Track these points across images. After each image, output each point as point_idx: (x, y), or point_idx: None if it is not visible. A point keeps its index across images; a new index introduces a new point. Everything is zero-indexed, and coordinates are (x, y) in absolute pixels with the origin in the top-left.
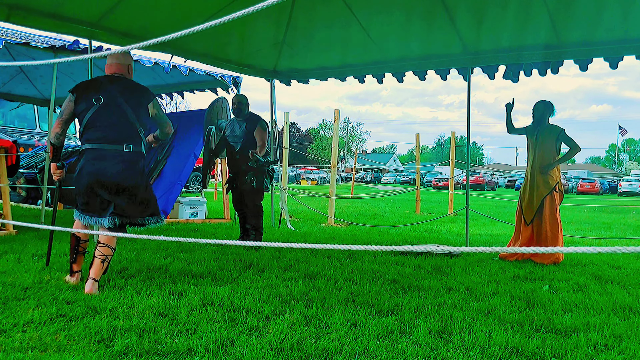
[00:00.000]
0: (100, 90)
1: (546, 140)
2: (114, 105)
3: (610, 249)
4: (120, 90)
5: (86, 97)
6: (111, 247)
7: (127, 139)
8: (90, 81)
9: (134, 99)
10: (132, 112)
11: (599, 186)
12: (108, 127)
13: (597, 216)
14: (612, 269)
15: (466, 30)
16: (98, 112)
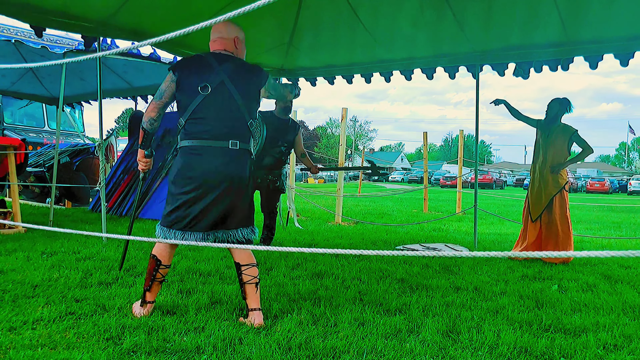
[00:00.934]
0: (207, 75)
1: (558, 140)
2: (222, 94)
3: (624, 253)
4: (229, 74)
5: (189, 83)
6: (255, 264)
7: (235, 134)
8: (195, 61)
9: (245, 85)
10: (242, 101)
11: (609, 185)
12: (213, 121)
13: (606, 215)
14: (621, 268)
15: (473, 29)
16: (204, 102)
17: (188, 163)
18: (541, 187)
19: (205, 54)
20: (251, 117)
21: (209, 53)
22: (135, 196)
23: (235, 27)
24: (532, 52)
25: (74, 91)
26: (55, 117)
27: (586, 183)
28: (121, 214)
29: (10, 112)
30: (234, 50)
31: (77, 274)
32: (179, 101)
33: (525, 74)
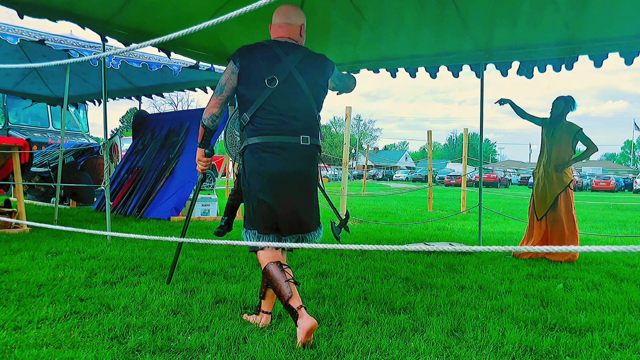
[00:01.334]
0: (273, 66)
1: (563, 138)
2: (291, 87)
3: (625, 248)
4: (297, 65)
5: (254, 75)
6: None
7: (306, 129)
8: (258, 50)
9: (313, 76)
10: (311, 93)
11: (614, 183)
12: (282, 115)
13: (612, 214)
14: (627, 267)
15: (478, 27)
16: (272, 96)
17: (259, 162)
18: (546, 186)
19: (270, 42)
20: (319, 111)
21: (273, 41)
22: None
23: (302, 13)
24: (536, 51)
25: (78, 91)
26: (59, 117)
27: (591, 181)
28: (125, 213)
29: (15, 112)
30: (299, 39)
31: (82, 274)
32: (241, 95)
33: (529, 73)
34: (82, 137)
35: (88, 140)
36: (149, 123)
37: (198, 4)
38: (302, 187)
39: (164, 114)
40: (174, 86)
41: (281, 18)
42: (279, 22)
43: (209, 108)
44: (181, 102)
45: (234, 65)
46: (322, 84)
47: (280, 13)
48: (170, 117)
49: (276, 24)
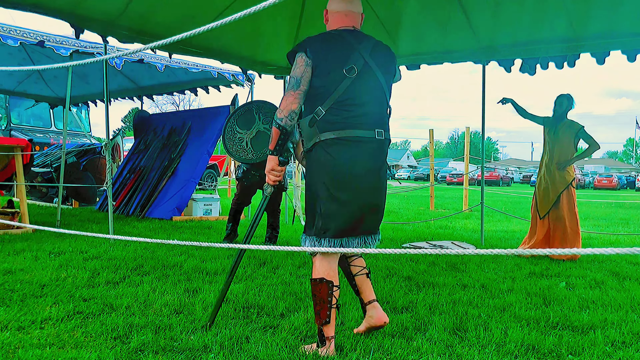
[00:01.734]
0: (349, 55)
1: (565, 136)
2: (368, 77)
3: (629, 250)
4: (370, 54)
5: (332, 66)
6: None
7: (380, 122)
8: (330, 39)
9: (384, 66)
10: (385, 83)
11: (617, 181)
12: (360, 107)
13: (614, 212)
14: (630, 265)
15: (481, 25)
16: (351, 87)
17: (333, 158)
18: (548, 184)
19: (339, 31)
20: (389, 103)
21: (342, 30)
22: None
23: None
24: (539, 48)
25: (80, 92)
26: (61, 118)
27: (594, 179)
28: (128, 213)
29: (17, 113)
30: (359, 28)
31: (85, 274)
32: (316, 87)
33: (532, 70)
34: (85, 138)
35: (90, 140)
36: (151, 123)
37: (201, 4)
38: (376, 184)
39: (166, 114)
40: (176, 86)
41: (346, 5)
42: (343, 9)
43: (286, 105)
44: (183, 102)
45: (305, 56)
46: (392, 73)
47: (343, 1)
48: (172, 117)
49: (339, 11)
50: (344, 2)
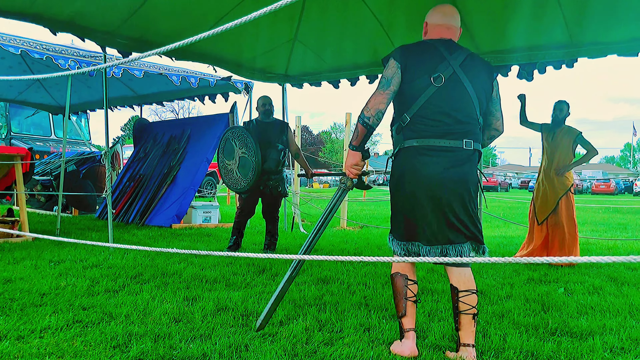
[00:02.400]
0: (438, 63)
1: (563, 142)
2: (456, 87)
3: (625, 259)
4: (461, 65)
5: (418, 72)
6: (475, 291)
7: (469, 133)
8: (422, 47)
9: (477, 77)
10: (475, 94)
11: (614, 186)
12: (446, 116)
13: (612, 217)
14: (628, 270)
15: (478, 30)
16: (436, 95)
17: (416, 165)
18: (547, 190)
19: (432, 41)
20: (482, 114)
21: (437, 40)
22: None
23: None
24: (536, 54)
25: (81, 99)
26: (61, 126)
27: (592, 184)
28: (127, 221)
29: (17, 122)
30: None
31: (84, 282)
32: (402, 92)
33: (530, 76)
34: (84, 146)
35: (90, 148)
36: (151, 130)
37: (201, 13)
38: (462, 194)
39: (166, 122)
40: (175, 94)
41: (447, 19)
42: (445, 22)
43: (374, 104)
44: (182, 110)
45: (395, 62)
46: (487, 87)
47: (446, 14)
48: (171, 125)
49: (440, 24)
50: (444, 16)
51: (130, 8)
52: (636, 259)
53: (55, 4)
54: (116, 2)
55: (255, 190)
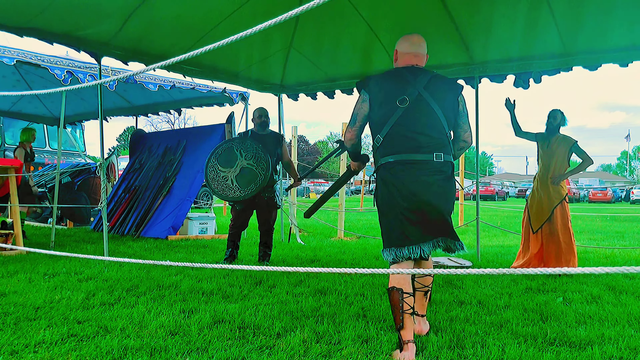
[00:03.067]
0: (403, 88)
1: (559, 150)
2: (422, 106)
3: (620, 269)
4: (425, 86)
5: (386, 98)
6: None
7: (438, 146)
8: (388, 76)
9: (443, 95)
10: (441, 112)
11: (611, 194)
12: (414, 133)
13: (609, 225)
14: (626, 279)
15: (473, 41)
16: (403, 116)
17: (396, 178)
18: (542, 199)
19: (399, 69)
20: (450, 129)
21: (403, 67)
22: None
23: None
24: (531, 63)
25: (75, 110)
26: (56, 137)
27: (589, 192)
28: (123, 233)
29: (11, 133)
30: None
31: (79, 295)
32: (373, 118)
33: (526, 84)
34: (79, 157)
35: (85, 159)
36: (146, 141)
37: (196, 20)
38: (437, 200)
39: (161, 133)
40: (170, 105)
41: (414, 48)
42: (412, 51)
43: (348, 139)
44: (178, 121)
45: (364, 93)
46: (453, 104)
47: (414, 43)
48: (167, 136)
49: (409, 52)
50: (411, 45)
51: (124, 17)
52: (629, 270)
53: (52, 17)
54: (110, 13)
55: (248, 203)
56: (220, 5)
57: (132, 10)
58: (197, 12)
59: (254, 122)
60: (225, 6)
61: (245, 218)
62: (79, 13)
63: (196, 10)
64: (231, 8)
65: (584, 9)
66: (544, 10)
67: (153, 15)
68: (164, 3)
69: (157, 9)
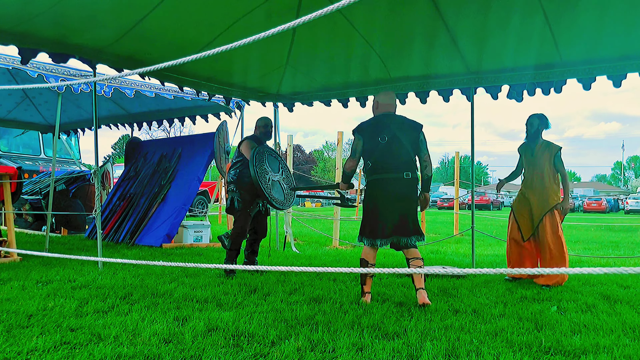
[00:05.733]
0: (383, 129)
1: (544, 157)
2: (396, 141)
3: (617, 270)
4: (398, 127)
5: (373, 137)
6: (420, 258)
7: (407, 167)
8: (372, 123)
9: (410, 133)
10: (409, 145)
11: (606, 204)
12: (391, 159)
13: (604, 235)
14: (620, 288)
15: (469, 51)
16: (383, 148)
17: (376, 190)
18: (530, 207)
19: (379, 116)
20: (415, 155)
21: (382, 114)
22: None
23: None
24: (525, 74)
25: (71, 118)
26: (51, 145)
27: (583, 202)
28: (117, 241)
29: (6, 141)
30: (394, 111)
31: (73, 303)
32: (365, 150)
33: (519, 96)
34: (74, 165)
35: (80, 167)
36: (141, 149)
37: (192, 35)
38: (404, 205)
39: (156, 140)
40: (166, 113)
41: (389, 100)
42: (388, 102)
43: (349, 167)
44: (174, 129)
45: (358, 135)
46: (415, 138)
47: (389, 97)
48: (162, 143)
49: (384, 103)
50: (388, 98)
51: (123, 28)
52: (627, 270)
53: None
54: (108, 22)
55: (256, 210)
56: (217, 20)
57: (129, 28)
58: (195, 27)
59: (259, 130)
60: (221, 21)
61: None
62: (74, 21)
63: (194, 26)
64: (227, 23)
65: (578, 18)
66: (539, 19)
67: (149, 30)
68: (160, 21)
69: (152, 27)
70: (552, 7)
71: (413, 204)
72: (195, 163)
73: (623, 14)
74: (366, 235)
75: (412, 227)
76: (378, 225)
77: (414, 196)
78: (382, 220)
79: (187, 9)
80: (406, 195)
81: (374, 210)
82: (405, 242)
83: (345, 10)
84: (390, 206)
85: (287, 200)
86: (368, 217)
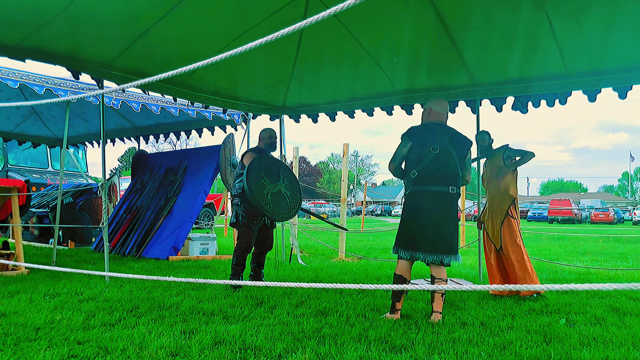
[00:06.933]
0: (435, 139)
1: (495, 161)
2: (446, 154)
3: (627, 286)
4: (449, 139)
5: (424, 145)
6: (445, 279)
7: (453, 182)
8: (424, 129)
9: (460, 147)
10: (457, 159)
11: (613, 215)
12: (439, 172)
13: (612, 246)
14: (630, 300)
15: (473, 63)
16: (434, 159)
17: (420, 202)
18: (492, 215)
19: (432, 123)
20: (461, 170)
21: (434, 123)
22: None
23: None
24: (530, 86)
25: (78, 131)
26: (58, 158)
27: (590, 214)
28: (124, 253)
29: (14, 154)
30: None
31: (80, 316)
32: (413, 157)
33: (524, 108)
34: (81, 178)
35: (87, 180)
36: (148, 162)
37: (197, 48)
38: (445, 220)
39: (163, 153)
40: (173, 127)
41: (441, 109)
42: (439, 111)
43: (391, 169)
44: (180, 141)
45: (407, 140)
46: (464, 154)
47: (441, 105)
48: (168, 156)
49: (436, 111)
50: (440, 106)
51: (127, 41)
52: (638, 287)
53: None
54: (113, 36)
55: (260, 224)
56: (223, 33)
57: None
58: (201, 39)
59: (263, 142)
60: (227, 34)
61: (264, 238)
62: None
63: (200, 38)
64: (233, 36)
65: (584, 30)
66: (544, 30)
67: (156, 40)
68: (164, 35)
69: (155, 41)
70: (558, 19)
71: (454, 220)
72: (201, 176)
73: (628, 25)
74: (403, 247)
75: (449, 246)
76: (417, 239)
77: (456, 212)
78: (422, 233)
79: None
80: (449, 210)
81: (415, 221)
82: (440, 260)
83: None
84: (433, 220)
85: (292, 206)
86: (408, 228)
